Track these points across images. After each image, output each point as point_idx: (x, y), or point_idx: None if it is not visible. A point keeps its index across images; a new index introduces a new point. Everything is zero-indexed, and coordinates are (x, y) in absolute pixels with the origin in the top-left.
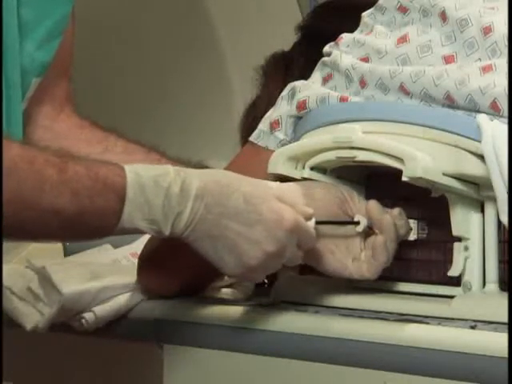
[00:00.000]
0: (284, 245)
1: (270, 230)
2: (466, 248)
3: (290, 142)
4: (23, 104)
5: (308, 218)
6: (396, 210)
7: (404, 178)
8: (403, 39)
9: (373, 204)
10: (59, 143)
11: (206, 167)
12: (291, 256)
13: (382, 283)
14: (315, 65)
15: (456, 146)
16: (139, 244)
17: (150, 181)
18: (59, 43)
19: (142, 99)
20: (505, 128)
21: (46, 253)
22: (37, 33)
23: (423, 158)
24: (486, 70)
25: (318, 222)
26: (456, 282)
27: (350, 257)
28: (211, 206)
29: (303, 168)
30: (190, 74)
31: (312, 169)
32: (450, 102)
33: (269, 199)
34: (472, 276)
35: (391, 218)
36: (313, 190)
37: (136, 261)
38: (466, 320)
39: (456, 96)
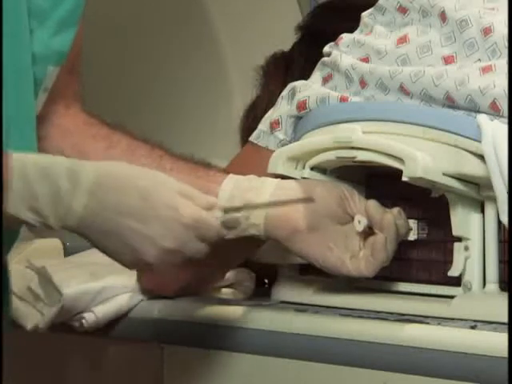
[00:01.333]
0: (183, 241)
1: (166, 227)
2: (466, 248)
3: (290, 142)
4: (43, 95)
5: (210, 208)
6: (395, 210)
7: (404, 178)
8: (403, 39)
9: (372, 203)
10: (66, 139)
11: (209, 164)
12: (194, 250)
13: (382, 283)
14: (315, 65)
15: (456, 146)
16: None
17: (35, 170)
18: (75, 34)
19: (142, 99)
20: (505, 128)
21: (46, 253)
22: (51, 20)
23: (423, 158)
24: (485, 70)
25: (226, 210)
26: (456, 282)
27: (349, 254)
28: (106, 202)
29: (303, 168)
30: (189, 73)
31: (312, 169)
32: (449, 103)
33: (167, 195)
34: (472, 276)
35: (392, 217)
36: (313, 188)
37: None
38: (466, 320)
39: (456, 96)
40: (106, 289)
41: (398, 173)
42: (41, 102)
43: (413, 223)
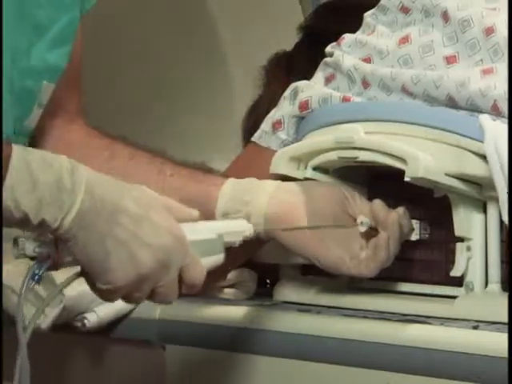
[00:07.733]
0: (169, 254)
1: (158, 234)
2: (469, 248)
3: (292, 143)
4: (38, 109)
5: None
6: (401, 210)
7: (406, 178)
8: (405, 39)
9: (378, 203)
10: (70, 153)
11: (210, 170)
12: (168, 281)
13: (385, 283)
14: (317, 65)
15: (458, 146)
16: None
17: (39, 159)
18: (71, 49)
19: (143, 101)
20: (507, 128)
21: None
22: (48, 35)
23: (425, 158)
24: (486, 72)
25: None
26: (458, 282)
27: (349, 254)
28: (103, 201)
29: (305, 168)
30: (191, 74)
31: (314, 169)
32: (452, 103)
33: (156, 206)
34: (474, 276)
35: (396, 216)
36: (313, 189)
37: None
38: (469, 320)
39: (457, 98)
40: None
41: (400, 173)
42: (36, 116)
43: (415, 223)
